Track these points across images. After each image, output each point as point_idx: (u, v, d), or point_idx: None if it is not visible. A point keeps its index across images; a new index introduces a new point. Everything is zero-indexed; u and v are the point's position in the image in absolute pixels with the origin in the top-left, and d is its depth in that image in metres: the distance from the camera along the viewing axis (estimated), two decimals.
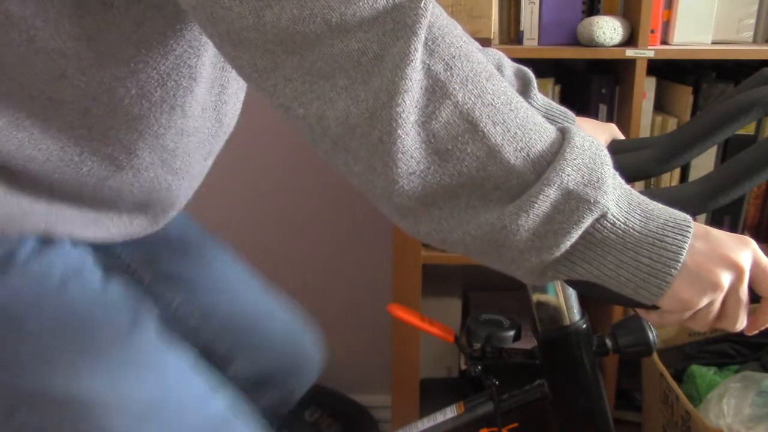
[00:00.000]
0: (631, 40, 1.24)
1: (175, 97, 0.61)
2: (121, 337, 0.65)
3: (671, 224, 0.50)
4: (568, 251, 0.50)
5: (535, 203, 0.47)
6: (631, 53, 1.20)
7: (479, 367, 0.77)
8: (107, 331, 0.64)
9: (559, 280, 0.52)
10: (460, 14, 1.19)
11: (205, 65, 0.62)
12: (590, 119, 0.87)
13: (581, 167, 0.48)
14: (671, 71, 1.32)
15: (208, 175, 0.80)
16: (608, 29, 1.18)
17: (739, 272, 0.51)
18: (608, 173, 0.49)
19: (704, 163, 1.29)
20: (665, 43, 1.27)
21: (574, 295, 0.72)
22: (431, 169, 0.48)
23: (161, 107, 0.61)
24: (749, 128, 1.26)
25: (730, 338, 1.33)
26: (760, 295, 0.53)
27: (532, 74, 0.82)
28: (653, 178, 1.05)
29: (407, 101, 0.45)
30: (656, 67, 1.27)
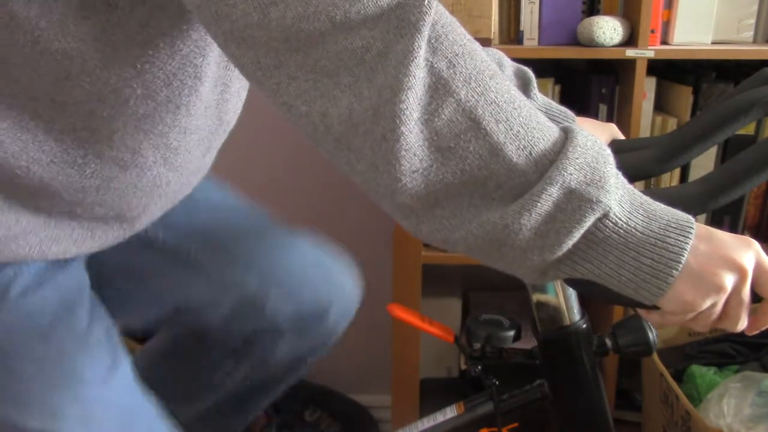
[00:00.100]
0: (631, 40, 1.24)
1: (180, 96, 0.61)
2: (97, 380, 0.67)
3: (673, 225, 0.50)
4: (570, 250, 0.49)
5: (537, 202, 0.47)
6: (631, 53, 1.20)
7: (479, 367, 0.77)
8: (86, 375, 0.67)
9: (560, 279, 0.52)
10: (460, 14, 1.19)
11: (210, 65, 0.61)
12: (590, 119, 0.87)
13: (584, 166, 0.48)
14: (671, 71, 1.32)
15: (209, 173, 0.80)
16: (608, 29, 1.18)
17: (742, 274, 0.51)
18: (611, 172, 0.49)
19: (704, 163, 1.29)
20: (665, 43, 1.27)
21: (574, 295, 0.72)
22: (434, 167, 0.47)
23: (166, 107, 0.61)
24: (749, 128, 1.26)
25: (730, 338, 1.33)
26: (761, 296, 0.53)
27: (532, 74, 0.82)
28: (653, 178, 1.05)
29: (410, 98, 0.45)
30: (656, 67, 1.27)
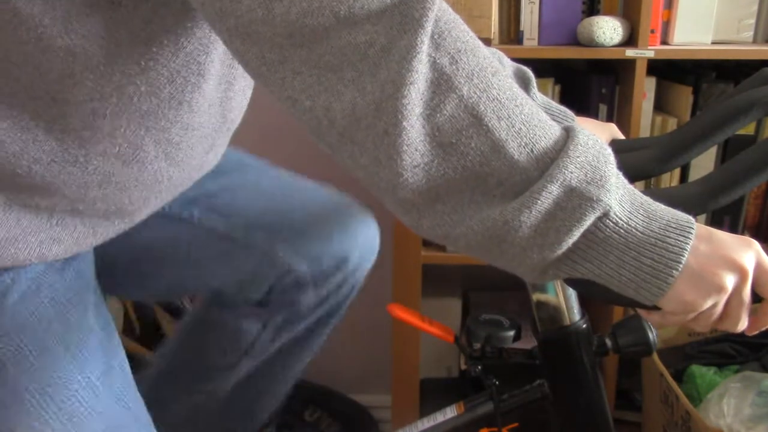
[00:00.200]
0: (631, 40, 1.24)
1: (183, 93, 0.61)
2: (89, 391, 0.66)
3: (674, 225, 0.50)
4: (570, 249, 0.49)
5: (537, 199, 0.47)
6: (631, 53, 1.20)
7: (479, 367, 0.77)
8: (78, 385, 0.66)
9: (560, 279, 0.52)
10: (460, 14, 1.17)
11: (213, 62, 0.62)
12: (590, 119, 0.87)
13: (584, 165, 0.48)
14: (671, 71, 1.32)
15: None
16: (608, 29, 1.18)
17: (742, 274, 0.51)
18: (611, 172, 0.49)
19: (704, 163, 1.29)
20: (665, 43, 1.27)
21: (574, 295, 0.72)
22: (435, 162, 0.48)
23: (169, 103, 0.61)
24: (749, 128, 1.26)
25: (730, 338, 1.32)
26: (761, 296, 0.53)
27: (531, 73, 0.82)
28: (653, 178, 1.05)
29: (413, 93, 0.45)
30: (656, 67, 1.27)
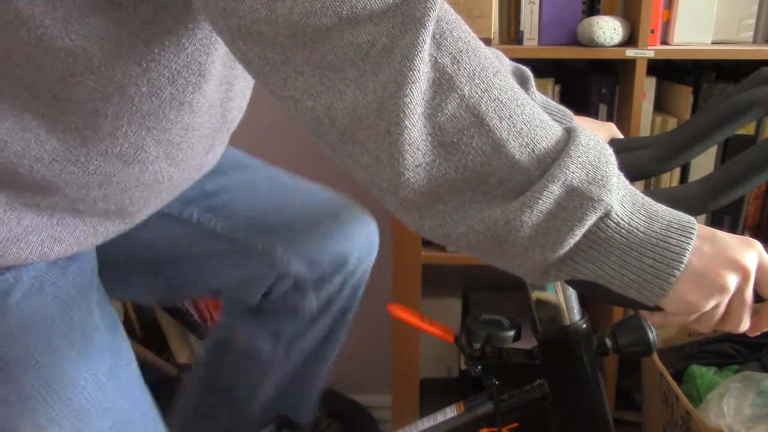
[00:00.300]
0: (631, 40, 1.24)
1: (184, 93, 0.61)
2: (94, 388, 0.67)
3: (675, 225, 0.50)
4: (571, 250, 0.49)
5: (539, 199, 0.47)
6: (631, 53, 1.20)
7: (479, 367, 0.77)
8: (83, 382, 0.66)
9: (562, 280, 0.52)
10: (460, 14, 1.18)
11: (215, 63, 0.62)
12: (589, 118, 0.87)
13: (586, 165, 0.48)
14: (671, 71, 1.32)
15: None
16: (608, 29, 1.18)
17: (745, 274, 0.51)
18: (613, 172, 0.49)
19: (704, 163, 1.29)
20: (665, 43, 1.27)
21: (574, 295, 0.72)
22: (437, 162, 0.48)
23: (170, 104, 0.61)
24: (749, 128, 1.26)
25: (730, 338, 1.32)
26: (763, 296, 0.53)
27: (530, 73, 0.82)
28: (653, 177, 1.05)
29: (415, 92, 0.45)
30: (656, 67, 1.27)
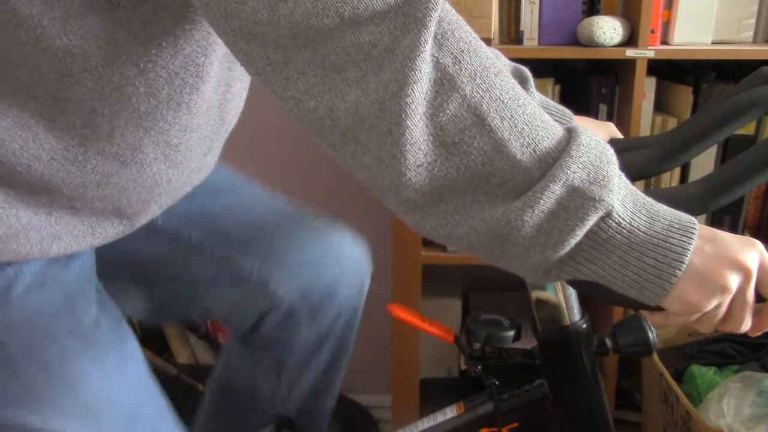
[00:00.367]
0: (631, 40, 1.24)
1: (181, 94, 0.61)
2: (102, 380, 0.67)
3: (676, 225, 0.50)
4: (572, 250, 0.49)
5: (540, 199, 0.47)
6: (631, 53, 1.20)
7: (479, 367, 0.77)
8: (90, 374, 0.66)
9: (563, 280, 0.52)
10: (460, 14, 1.18)
11: (212, 64, 0.62)
12: (589, 118, 0.87)
13: (587, 165, 0.48)
14: (671, 71, 1.32)
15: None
16: (608, 29, 1.18)
17: (746, 274, 0.51)
18: (614, 172, 0.49)
19: (704, 163, 1.29)
20: (665, 43, 1.27)
21: (574, 294, 0.72)
22: (438, 162, 0.48)
23: (168, 104, 0.61)
24: (749, 128, 1.26)
25: (730, 338, 1.32)
26: (764, 296, 0.53)
27: (529, 73, 0.82)
28: (653, 177, 1.05)
29: (416, 92, 0.45)
30: (656, 67, 1.27)
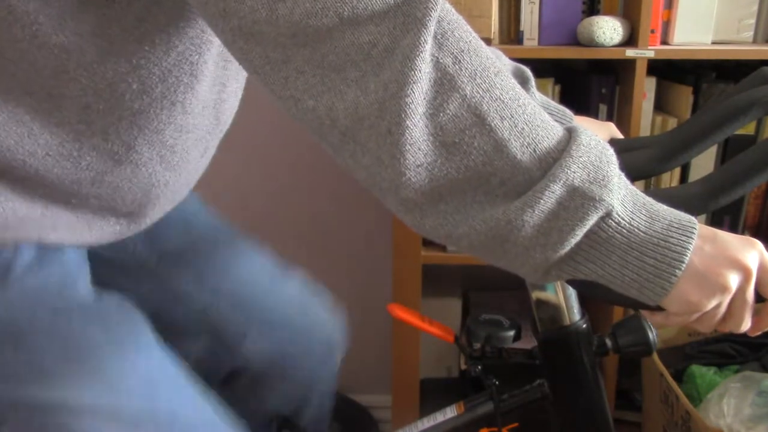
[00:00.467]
0: (631, 40, 1.24)
1: (175, 93, 0.61)
2: (114, 348, 0.66)
3: (676, 225, 0.50)
4: (572, 250, 0.49)
5: (540, 199, 0.47)
6: (631, 53, 1.20)
7: (479, 367, 0.77)
8: (101, 343, 0.65)
9: (563, 279, 0.52)
10: (460, 14, 1.18)
11: (207, 63, 0.62)
12: (588, 118, 0.87)
13: (587, 165, 0.48)
14: (671, 71, 1.32)
15: (209, 175, 0.80)
16: (608, 29, 1.18)
17: (746, 274, 0.51)
18: (614, 172, 0.49)
19: (704, 163, 1.29)
20: (665, 43, 1.27)
21: (574, 294, 0.72)
22: (438, 162, 0.48)
23: (161, 103, 0.61)
24: (749, 128, 1.26)
25: (730, 338, 1.33)
26: (764, 296, 0.53)
27: (530, 73, 0.82)
28: (653, 177, 1.05)
29: (416, 92, 0.45)
30: (656, 67, 1.27)
